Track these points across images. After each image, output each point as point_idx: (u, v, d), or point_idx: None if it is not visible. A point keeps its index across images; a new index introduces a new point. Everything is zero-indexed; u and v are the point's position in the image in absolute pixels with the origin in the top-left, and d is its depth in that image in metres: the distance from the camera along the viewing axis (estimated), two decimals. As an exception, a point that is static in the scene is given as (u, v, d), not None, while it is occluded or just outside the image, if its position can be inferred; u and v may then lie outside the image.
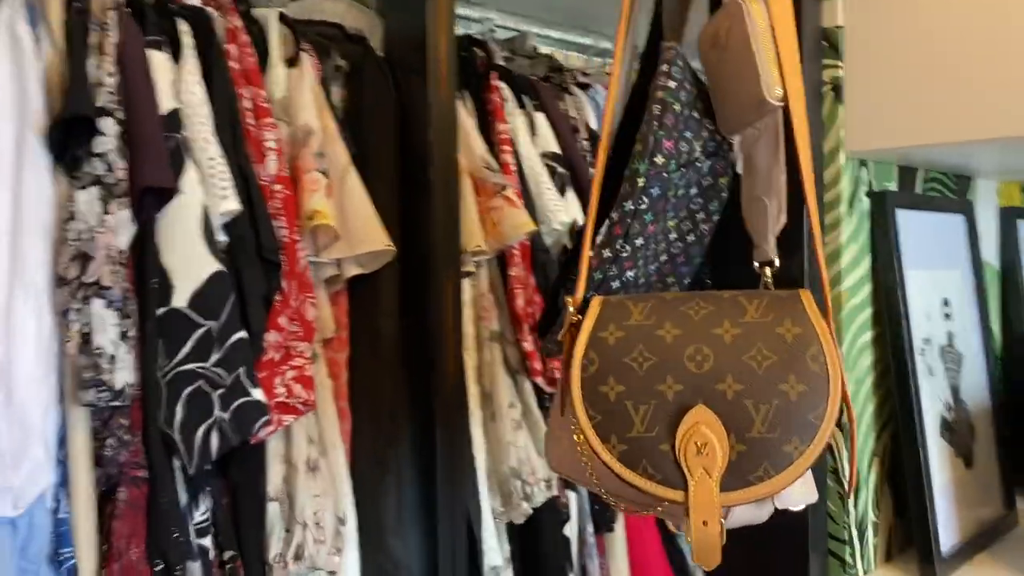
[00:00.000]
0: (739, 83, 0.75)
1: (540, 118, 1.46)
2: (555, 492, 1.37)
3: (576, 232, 1.40)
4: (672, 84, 0.75)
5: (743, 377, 0.65)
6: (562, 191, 1.42)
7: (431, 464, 1.16)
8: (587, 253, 0.75)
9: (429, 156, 1.15)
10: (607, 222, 0.75)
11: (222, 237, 0.99)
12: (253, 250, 1.01)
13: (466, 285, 1.30)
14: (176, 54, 1.03)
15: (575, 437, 0.91)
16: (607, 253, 0.75)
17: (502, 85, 1.40)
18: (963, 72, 0.74)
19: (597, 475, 0.88)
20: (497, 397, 1.32)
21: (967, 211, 1.00)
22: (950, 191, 1.00)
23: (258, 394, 0.95)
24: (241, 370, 0.94)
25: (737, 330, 0.67)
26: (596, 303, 0.72)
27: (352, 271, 1.14)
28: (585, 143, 1.51)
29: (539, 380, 1.35)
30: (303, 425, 1.07)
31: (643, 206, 0.74)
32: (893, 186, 0.89)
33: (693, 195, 0.78)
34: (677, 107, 0.75)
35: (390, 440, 1.16)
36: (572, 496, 1.42)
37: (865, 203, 0.85)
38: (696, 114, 0.77)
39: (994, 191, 1.12)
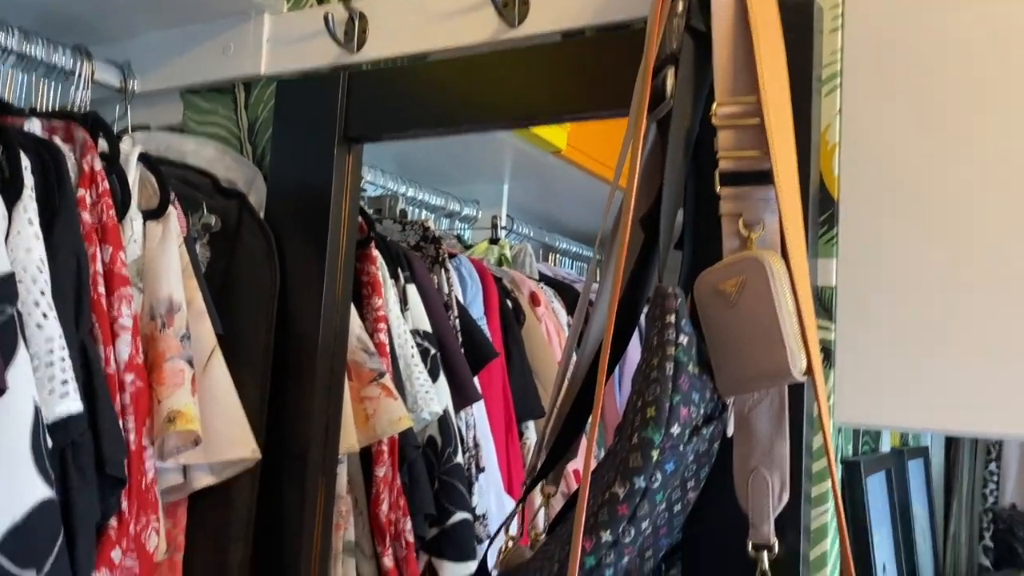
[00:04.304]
0: (752, 348, 0.66)
1: (412, 291, 1.33)
2: None
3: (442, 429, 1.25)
4: (683, 340, 0.65)
5: None
6: (434, 375, 1.27)
7: None
8: (579, 537, 0.62)
9: (316, 343, 0.97)
10: (607, 497, 0.62)
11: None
12: (90, 463, 0.77)
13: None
14: (11, 196, 0.80)
15: None
16: (607, 537, 0.62)
17: (378, 255, 1.26)
18: (969, 346, 0.70)
19: None
20: (348, 623, 1.11)
21: (887, 464, 0.98)
22: (873, 446, 0.99)
23: (85, 675, 0.69)
24: (65, 642, 0.68)
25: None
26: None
27: (203, 482, 0.92)
28: (457, 321, 1.39)
29: (396, 601, 1.16)
30: None
31: (656, 484, 0.62)
32: (849, 447, 0.85)
33: (689, 463, 0.68)
34: (691, 368, 0.65)
35: None
36: None
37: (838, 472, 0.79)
38: (699, 372, 0.67)
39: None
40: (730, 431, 0.72)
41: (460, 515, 1.21)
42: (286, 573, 0.96)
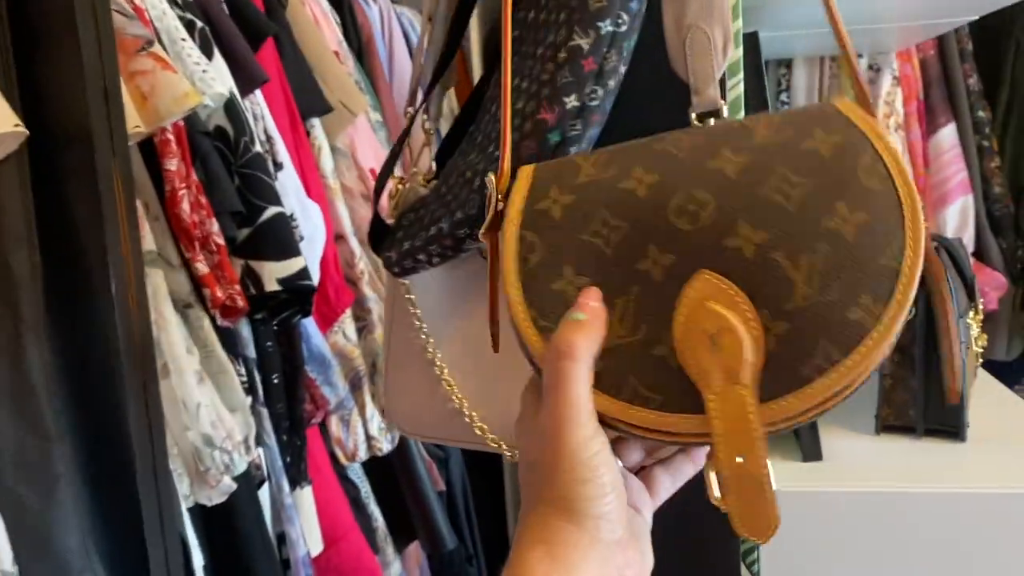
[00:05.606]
0: None
1: (154, -51, 1.04)
2: (254, 454, 1.05)
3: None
4: None
5: (765, 220, 0.41)
6: (206, 51, 1.04)
7: (124, 454, 0.78)
8: (508, 105, 0.50)
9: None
10: (566, 54, 0.50)
11: None
12: None
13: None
14: None
15: (444, 387, 0.66)
16: (572, 103, 0.51)
17: None
18: None
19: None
20: (168, 344, 0.94)
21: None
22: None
23: None
24: None
25: (743, 158, 0.44)
26: (526, 170, 0.48)
27: (-48, 171, 0.67)
28: (219, -9, 1.13)
29: (217, 313, 1.00)
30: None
31: (623, 27, 0.51)
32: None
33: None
34: None
35: (49, 435, 0.75)
36: (261, 452, 1.12)
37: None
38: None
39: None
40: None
41: (272, 209, 1.05)
42: (91, 281, 0.77)
